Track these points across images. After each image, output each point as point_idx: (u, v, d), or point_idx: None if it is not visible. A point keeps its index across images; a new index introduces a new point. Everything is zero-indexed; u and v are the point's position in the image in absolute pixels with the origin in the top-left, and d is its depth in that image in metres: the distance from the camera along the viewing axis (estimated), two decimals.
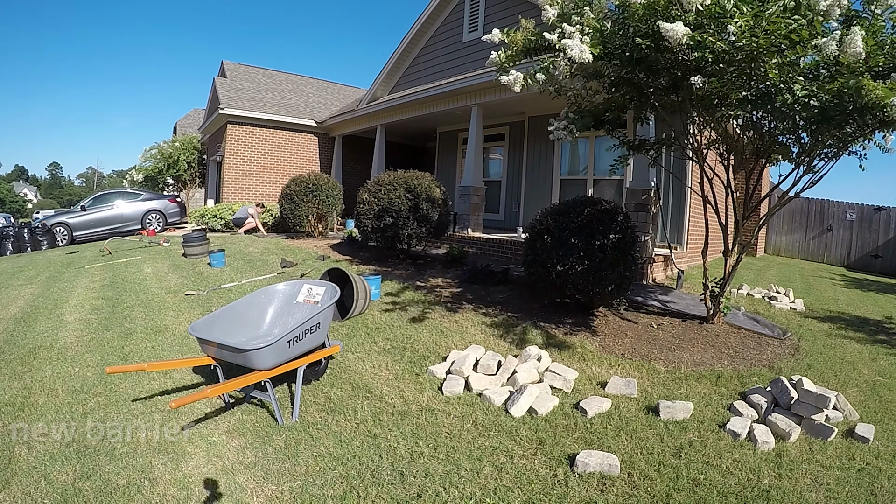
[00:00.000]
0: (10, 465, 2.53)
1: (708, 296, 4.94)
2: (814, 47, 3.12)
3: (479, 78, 8.56)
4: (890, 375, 3.96)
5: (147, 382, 3.45)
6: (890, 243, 11.47)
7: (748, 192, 4.71)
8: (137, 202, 12.76)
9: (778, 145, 4.24)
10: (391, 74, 12.08)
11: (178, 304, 5.39)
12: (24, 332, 4.59)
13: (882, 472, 2.57)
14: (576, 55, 3.44)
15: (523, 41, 4.29)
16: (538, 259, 4.99)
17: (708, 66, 3.46)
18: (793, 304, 6.26)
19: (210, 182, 16.19)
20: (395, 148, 14.30)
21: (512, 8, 8.99)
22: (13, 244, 11.21)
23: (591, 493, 2.33)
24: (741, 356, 4.15)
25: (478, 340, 4.31)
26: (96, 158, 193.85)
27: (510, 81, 4.05)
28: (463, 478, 2.44)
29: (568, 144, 9.51)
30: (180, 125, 23.24)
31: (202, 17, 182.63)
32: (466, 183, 9.17)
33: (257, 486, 2.38)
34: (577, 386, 3.47)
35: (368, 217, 7.52)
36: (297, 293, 3.59)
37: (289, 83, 16.64)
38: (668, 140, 5.04)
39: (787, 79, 3.27)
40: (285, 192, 10.41)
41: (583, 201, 5.13)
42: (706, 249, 5.10)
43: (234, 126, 13.37)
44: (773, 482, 2.44)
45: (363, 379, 3.55)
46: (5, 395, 3.29)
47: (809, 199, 12.60)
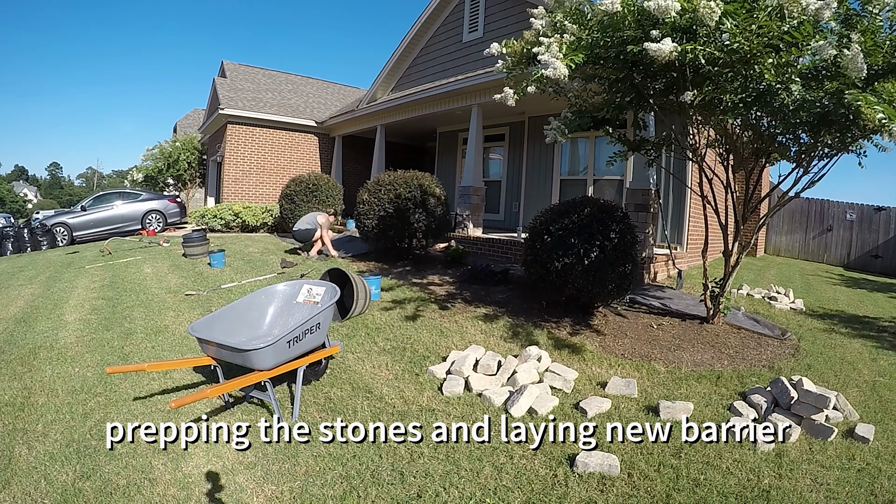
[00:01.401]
0: (10, 465, 2.53)
1: (708, 296, 4.94)
2: (810, 50, 3.12)
3: (479, 78, 8.56)
4: (890, 375, 3.96)
5: (147, 382, 3.44)
6: (890, 243, 11.46)
7: (748, 192, 4.71)
8: (137, 202, 12.76)
9: (777, 145, 4.24)
10: (391, 74, 12.08)
11: (179, 304, 5.39)
12: (24, 333, 4.59)
13: (882, 472, 2.57)
14: (550, 73, 3.44)
15: (521, 51, 4.34)
16: (538, 259, 4.99)
17: (702, 70, 3.46)
18: (793, 304, 6.26)
19: (210, 182, 16.19)
20: (395, 148, 14.31)
21: (512, 8, 8.98)
22: (13, 244, 11.21)
23: (591, 494, 2.33)
24: (741, 356, 4.15)
25: (478, 340, 4.31)
26: (96, 158, 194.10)
27: (503, 98, 4.13)
28: (463, 478, 2.44)
29: (568, 144, 9.51)
30: (180, 125, 23.24)
31: (202, 17, 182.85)
32: (466, 183, 9.17)
33: (257, 486, 2.38)
34: (577, 386, 3.47)
35: (368, 217, 7.52)
36: (297, 293, 3.59)
37: (289, 83, 16.63)
38: (667, 140, 5.04)
39: (784, 79, 3.27)
40: (285, 192, 10.42)
41: (582, 201, 5.13)
42: (706, 249, 5.10)
43: (234, 126, 13.38)
44: (773, 482, 2.44)
45: (363, 379, 3.55)
46: (5, 396, 3.29)
47: (809, 200, 12.60)
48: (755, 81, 3.41)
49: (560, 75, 3.42)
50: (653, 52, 3.17)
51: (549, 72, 3.42)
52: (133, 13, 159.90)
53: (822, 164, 4.29)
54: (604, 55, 3.72)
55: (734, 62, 3.29)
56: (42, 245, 11.37)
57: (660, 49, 3.14)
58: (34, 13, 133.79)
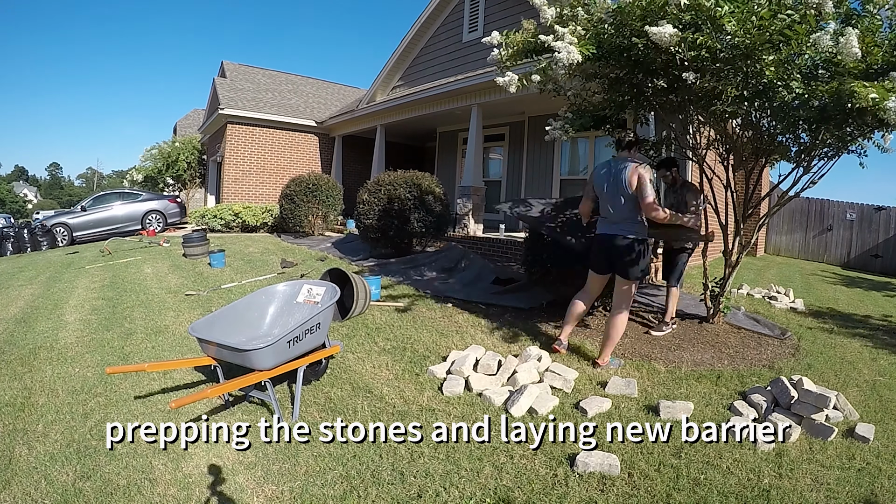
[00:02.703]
0: (11, 466, 2.53)
1: (708, 296, 4.94)
2: (810, 44, 3.12)
3: (479, 78, 8.56)
4: (890, 375, 3.96)
5: (147, 383, 3.44)
6: (890, 243, 11.46)
7: (748, 191, 4.71)
8: (137, 202, 12.76)
9: (777, 145, 4.24)
10: (391, 74, 12.08)
11: (179, 304, 5.39)
12: (25, 333, 4.59)
13: (882, 471, 2.57)
14: (563, 57, 3.44)
15: (522, 42, 4.30)
16: (538, 259, 4.99)
17: (705, 63, 3.46)
18: (793, 304, 6.26)
19: (210, 182, 16.18)
20: (395, 148, 14.31)
21: (512, 8, 8.98)
22: (13, 245, 11.21)
23: (591, 493, 2.33)
24: (741, 356, 4.15)
25: (478, 340, 4.31)
26: (96, 158, 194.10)
27: (505, 83, 4.01)
28: (463, 478, 2.44)
29: (568, 144, 9.51)
30: (180, 125, 23.24)
31: (202, 17, 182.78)
32: (466, 183, 9.17)
33: (257, 486, 2.38)
34: (577, 386, 3.47)
35: (369, 217, 7.52)
36: (297, 293, 3.59)
37: (289, 83, 16.63)
38: (667, 140, 5.03)
39: (785, 76, 3.27)
40: (285, 192, 10.42)
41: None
42: (706, 249, 5.10)
43: (234, 126, 13.37)
44: (774, 482, 2.44)
45: (363, 379, 3.55)
46: (5, 396, 3.29)
47: (809, 199, 12.59)
48: (756, 77, 3.41)
49: (573, 60, 3.42)
50: (653, 35, 3.19)
51: (562, 55, 3.43)
52: (133, 13, 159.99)
53: (823, 163, 4.29)
54: (609, 48, 3.72)
55: (735, 57, 3.29)
56: (42, 245, 11.37)
57: (661, 32, 3.16)
58: (34, 13, 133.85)
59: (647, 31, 3.23)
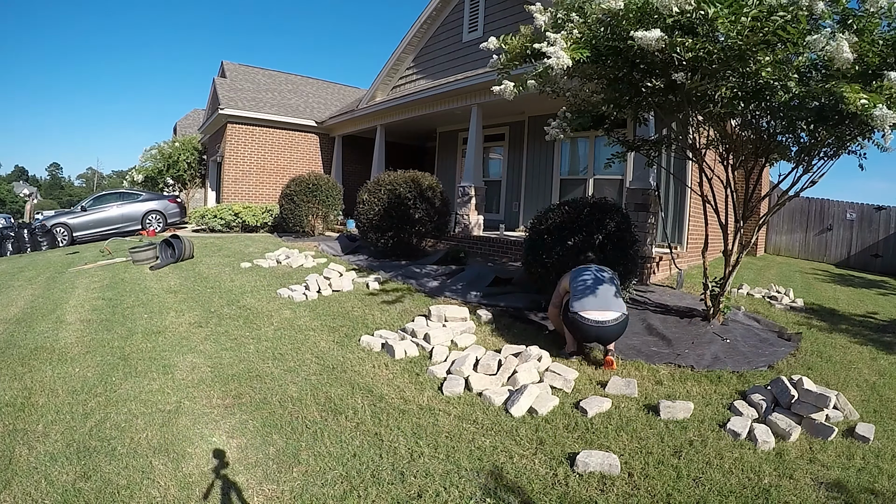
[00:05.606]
0: (11, 466, 2.53)
1: (708, 295, 4.94)
2: (805, 46, 3.11)
3: (479, 78, 8.56)
4: (890, 375, 3.96)
5: (147, 383, 3.45)
6: (890, 242, 11.46)
7: (748, 191, 4.71)
8: (137, 203, 12.75)
9: (776, 144, 4.24)
10: (391, 74, 12.08)
11: (179, 304, 5.39)
12: (25, 333, 4.59)
13: (882, 471, 2.57)
14: (554, 63, 3.46)
15: (520, 47, 4.33)
16: (538, 258, 4.99)
17: (703, 64, 3.46)
18: (793, 304, 6.26)
19: (210, 182, 16.18)
20: (395, 148, 14.30)
21: (511, 8, 8.98)
22: (13, 245, 11.21)
23: (591, 493, 2.33)
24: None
25: (478, 340, 4.31)
26: (96, 159, 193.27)
27: (501, 91, 4.11)
28: (463, 477, 2.44)
29: (568, 144, 9.51)
30: (180, 125, 23.23)
31: (202, 17, 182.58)
32: (466, 182, 9.17)
33: (257, 486, 2.38)
34: (577, 386, 3.47)
35: (369, 217, 7.52)
36: None
37: (289, 83, 16.63)
38: (667, 139, 5.03)
39: (782, 76, 3.26)
40: (285, 192, 10.41)
41: (581, 202, 5.14)
42: (706, 249, 5.10)
43: (234, 126, 13.37)
44: (774, 482, 2.44)
45: (363, 378, 3.55)
46: (6, 396, 3.29)
47: (809, 199, 12.59)
48: (752, 78, 3.40)
49: (563, 65, 3.44)
50: (639, 39, 3.22)
51: (552, 61, 3.44)
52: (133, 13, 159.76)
53: (823, 163, 4.29)
54: (604, 51, 3.72)
55: (729, 59, 3.28)
56: (42, 245, 11.37)
57: (646, 37, 3.18)
58: (34, 13, 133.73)
59: (633, 35, 3.25)
